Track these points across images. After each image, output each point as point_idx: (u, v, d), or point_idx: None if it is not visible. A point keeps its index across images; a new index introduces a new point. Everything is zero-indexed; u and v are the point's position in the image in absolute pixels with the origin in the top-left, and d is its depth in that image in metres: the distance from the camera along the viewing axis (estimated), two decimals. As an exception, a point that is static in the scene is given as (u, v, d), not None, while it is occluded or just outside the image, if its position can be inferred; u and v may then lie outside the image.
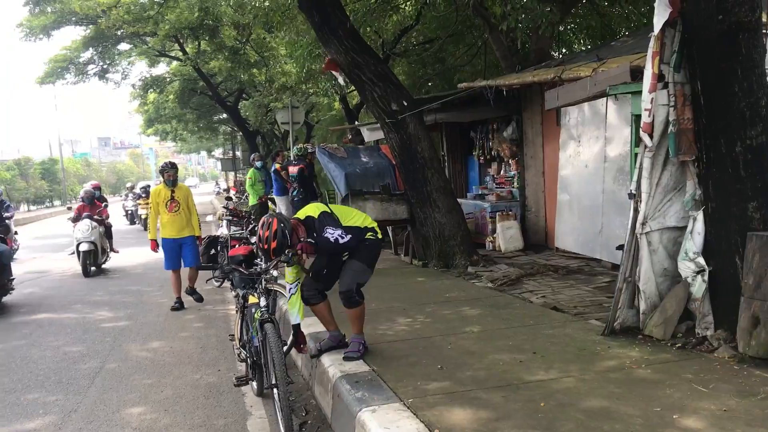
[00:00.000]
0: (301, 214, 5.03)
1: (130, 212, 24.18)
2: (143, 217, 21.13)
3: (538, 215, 10.59)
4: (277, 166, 13.54)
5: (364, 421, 3.83)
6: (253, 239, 6.22)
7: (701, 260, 5.04)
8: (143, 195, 21.76)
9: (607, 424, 3.60)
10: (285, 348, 5.01)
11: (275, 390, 4.63)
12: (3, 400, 5.42)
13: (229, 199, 15.07)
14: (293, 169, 12.35)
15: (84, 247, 12.01)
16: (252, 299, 5.16)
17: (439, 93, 13.23)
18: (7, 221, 13.12)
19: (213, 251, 10.22)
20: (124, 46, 25.20)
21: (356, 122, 18.41)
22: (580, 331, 5.60)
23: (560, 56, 13.27)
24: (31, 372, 6.19)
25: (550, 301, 6.86)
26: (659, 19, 4.82)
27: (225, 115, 34.63)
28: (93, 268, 12.33)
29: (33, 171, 44.34)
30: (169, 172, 8.89)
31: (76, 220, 12.56)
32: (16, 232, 15.80)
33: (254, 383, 5.25)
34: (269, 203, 15.84)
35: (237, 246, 9.44)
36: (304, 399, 5.27)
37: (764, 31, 5.06)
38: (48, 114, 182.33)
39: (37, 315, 8.84)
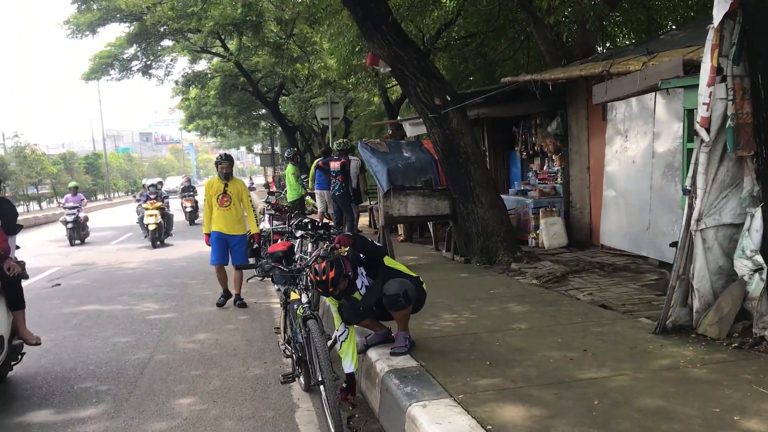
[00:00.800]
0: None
1: (140, 217, 17.64)
2: (150, 228, 15.90)
3: (583, 211, 10.43)
4: (319, 162, 13.66)
5: (414, 416, 3.81)
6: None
7: (759, 258, 4.90)
8: (151, 197, 16.49)
9: (665, 424, 3.52)
10: (329, 343, 5.00)
11: (322, 386, 4.64)
12: (58, 388, 5.55)
13: (271, 194, 15.21)
14: (335, 164, 12.40)
15: None
16: (294, 295, 5.17)
17: (481, 87, 13.12)
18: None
19: (256, 245, 10.32)
20: (167, 43, 25.52)
21: (398, 117, 18.39)
22: (630, 329, 5.49)
23: (604, 50, 13.06)
24: (82, 362, 6.32)
25: (598, 298, 6.76)
26: (719, 11, 4.69)
27: (264, 111, 34.90)
28: None
29: (77, 165, 45.37)
30: (223, 164, 8.54)
31: None
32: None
33: (301, 379, 5.27)
34: (308, 198, 15.98)
35: (279, 241, 9.56)
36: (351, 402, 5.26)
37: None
38: (91, 109, 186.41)
39: (85, 306, 9.03)
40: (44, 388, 5.57)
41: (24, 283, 10.66)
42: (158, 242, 16.22)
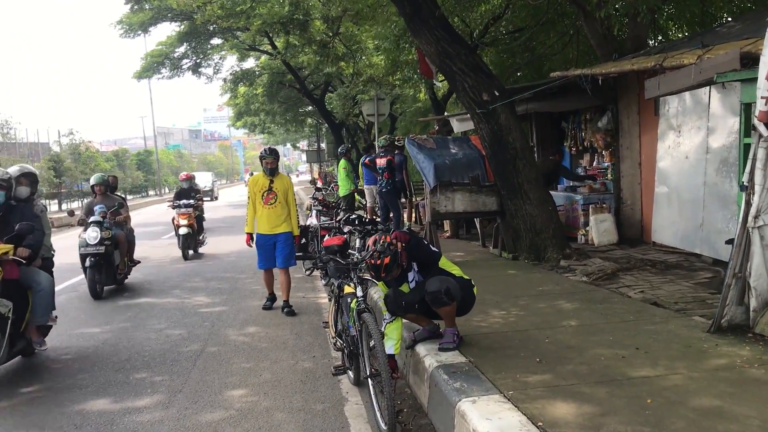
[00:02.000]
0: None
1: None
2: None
3: (634, 208, 10.25)
4: (366, 160, 13.75)
5: (464, 412, 3.82)
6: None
7: (820, 256, 4.75)
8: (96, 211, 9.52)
9: (722, 425, 3.45)
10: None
11: (370, 379, 4.68)
12: (114, 377, 5.72)
13: (318, 190, 15.35)
14: (381, 161, 12.43)
15: None
16: (348, 289, 5.22)
17: (529, 83, 12.98)
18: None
19: (303, 240, 10.44)
20: (216, 41, 25.93)
21: (445, 113, 18.33)
22: (683, 328, 5.39)
23: (656, 44, 12.79)
24: (137, 353, 6.49)
25: (649, 296, 6.64)
26: (779, 1, 4.56)
27: (311, 108, 35.17)
28: None
29: (129, 162, 46.42)
30: (268, 159, 7.93)
31: None
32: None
33: (350, 372, 5.33)
34: (356, 195, 16.09)
35: (327, 236, 9.64)
36: (398, 388, 5.28)
37: None
38: (142, 107, 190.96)
39: (139, 299, 9.26)
40: (101, 378, 5.74)
41: (76, 279, 10.91)
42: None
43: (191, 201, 13.66)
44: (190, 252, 13.58)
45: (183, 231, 13.14)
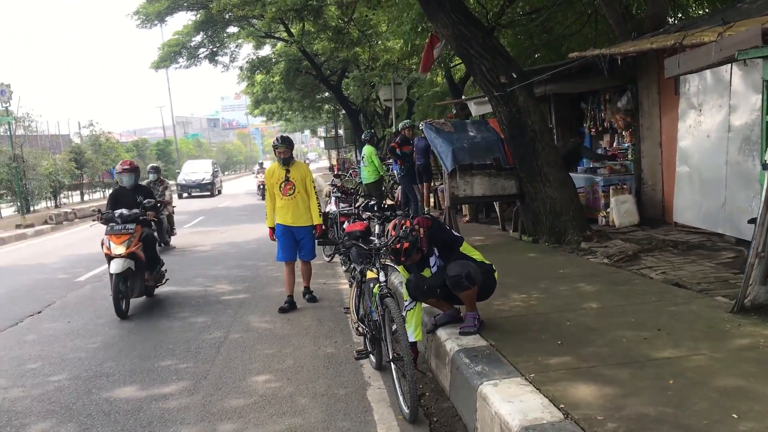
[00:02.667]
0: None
1: None
2: None
3: (655, 188, 10.16)
4: (393, 144, 13.79)
5: (486, 395, 3.84)
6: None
7: None
8: None
9: (745, 404, 3.44)
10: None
11: (392, 364, 4.72)
12: (140, 366, 5.81)
13: (337, 176, 15.36)
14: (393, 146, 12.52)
15: None
16: (370, 274, 5.25)
17: (547, 64, 12.87)
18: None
19: (323, 228, 10.49)
20: (232, 29, 25.97)
21: (462, 96, 18.24)
22: (706, 308, 5.36)
23: (676, 22, 12.61)
24: (162, 341, 6.59)
25: (671, 277, 6.60)
26: (800, -24, 4.49)
27: (328, 94, 35.15)
28: None
29: (149, 152, 46.75)
30: (280, 149, 7.55)
31: None
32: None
33: (372, 357, 5.37)
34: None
35: (346, 222, 9.66)
36: (419, 371, 5.32)
37: None
38: (160, 96, 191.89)
39: (163, 288, 9.32)
40: (128, 365, 5.84)
41: (101, 268, 10.99)
42: None
43: (136, 211, 7.98)
44: (135, 296, 7.98)
45: (116, 267, 7.51)
